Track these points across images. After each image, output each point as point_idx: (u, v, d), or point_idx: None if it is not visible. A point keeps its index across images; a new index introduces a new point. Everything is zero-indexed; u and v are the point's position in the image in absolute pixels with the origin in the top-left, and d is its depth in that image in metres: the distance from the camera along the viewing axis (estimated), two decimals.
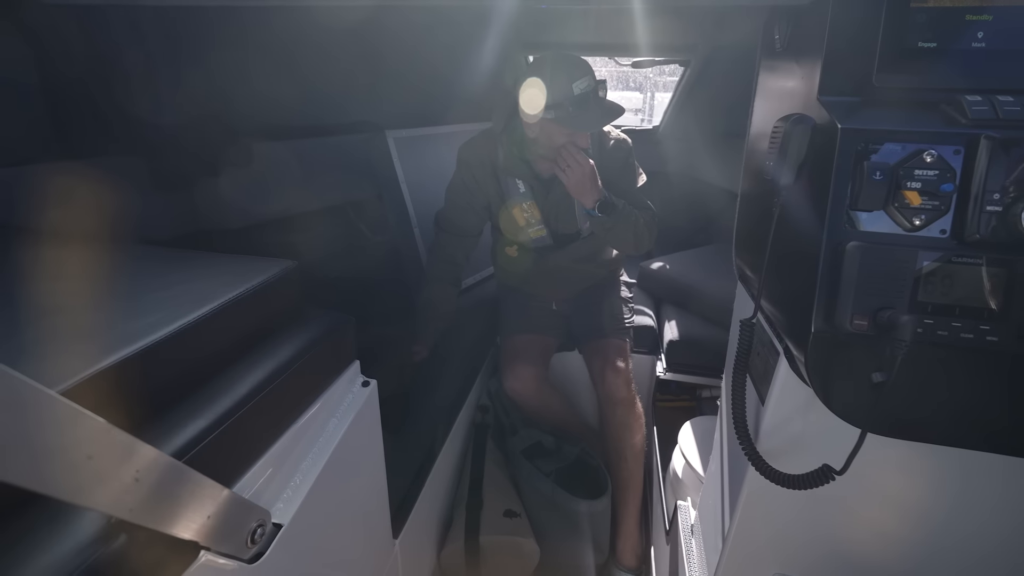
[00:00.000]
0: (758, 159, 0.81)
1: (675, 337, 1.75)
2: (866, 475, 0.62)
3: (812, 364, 0.58)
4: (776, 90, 0.78)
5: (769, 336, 0.75)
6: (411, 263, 1.80)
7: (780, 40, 0.75)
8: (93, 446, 0.36)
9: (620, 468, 1.47)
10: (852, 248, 0.54)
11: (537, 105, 1.21)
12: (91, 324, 0.54)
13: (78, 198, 0.98)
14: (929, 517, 0.72)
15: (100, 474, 0.37)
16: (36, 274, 0.67)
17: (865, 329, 0.54)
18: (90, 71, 1.12)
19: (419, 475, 1.23)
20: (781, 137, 0.61)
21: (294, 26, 1.33)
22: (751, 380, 0.82)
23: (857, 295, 0.54)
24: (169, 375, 0.55)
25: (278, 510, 0.65)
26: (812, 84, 0.63)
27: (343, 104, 1.74)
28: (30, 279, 0.64)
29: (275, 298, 0.71)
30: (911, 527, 0.74)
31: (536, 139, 1.30)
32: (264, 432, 0.64)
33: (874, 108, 0.58)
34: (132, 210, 1.06)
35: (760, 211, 0.79)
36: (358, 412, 0.82)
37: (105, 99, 1.14)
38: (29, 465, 0.32)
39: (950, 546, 0.73)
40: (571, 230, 1.50)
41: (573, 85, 1.20)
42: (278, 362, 0.67)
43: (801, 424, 0.72)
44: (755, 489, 0.79)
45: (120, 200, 1.05)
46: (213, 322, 0.60)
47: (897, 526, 0.75)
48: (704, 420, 1.40)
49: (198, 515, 0.48)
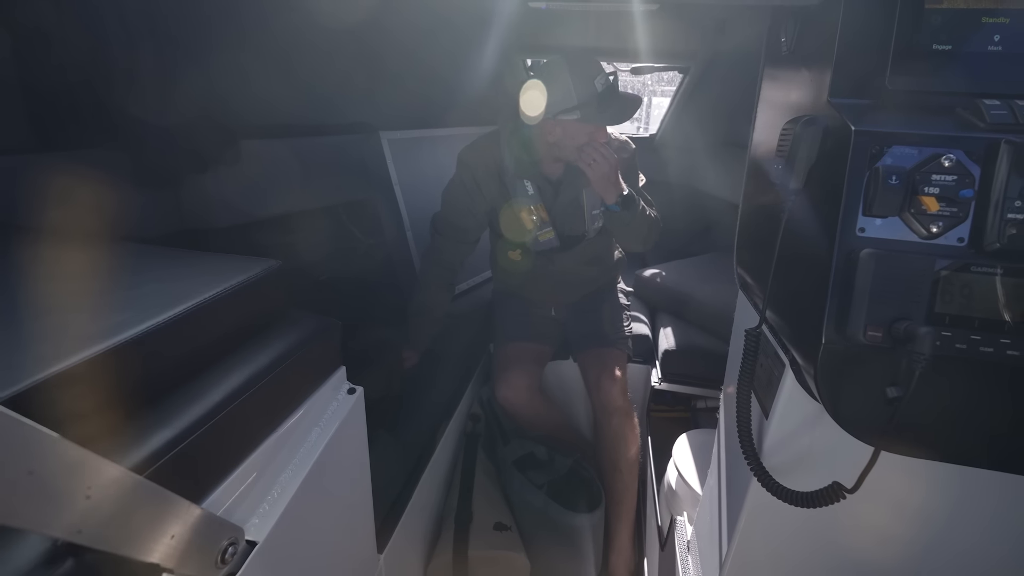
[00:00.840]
0: (763, 164, 0.79)
1: (671, 346, 1.72)
2: (873, 491, 0.59)
3: (822, 377, 0.56)
4: (782, 94, 0.76)
5: (774, 347, 0.72)
6: (403, 266, 1.77)
7: (787, 43, 0.73)
8: (35, 460, 0.32)
9: (614, 480, 1.43)
10: (866, 256, 0.51)
11: (557, 108, 1.22)
12: (49, 324, 0.50)
13: (58, 192, 0.94)
14: (939, 534, 0.69)
15: (43, 492, 0.33)
16: (6, 270, 0.63)
17: (879, 341, 0.51)
18: (74, 63, 1.08)
19: (406, 486, 1.19)
20: (791, 140, 0.59)
21: (290, 23, 1.30)
22: (754, 392, 0.79)
23: (871, 305, 0.51)
24: (134, 380, 0.51)
25: (253, 526, 0.61)
26: (821, 87, 0.60)
27: (338, 104, 1.71)
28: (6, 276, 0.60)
29: (256, 299, 0.67)
30: (919, 544, 0.71)
31: (557, 142, 1.29)
32: (240, 441, 0.60)
33: (887, 111, 0.55)
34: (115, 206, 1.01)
35: (765, 218, 0.76)
36: (343, 421, 0.78)
37: (89, 92, 1.10)
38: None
39: (960, 564, 0.70)
40: (578, 232, 1.48)
41: (595, 82, 1.21)
42: (257, 366, 0.63)
43: (807, 439, 0.69)
44: (757, 505, 0.76)
45: (103, 195, 1.00)
46: (186, 323, 0.56)
47: (904, 543, 0.72)
48: (700, 433, 1.37)
49: (160, 534, 0.44)
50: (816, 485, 0.62)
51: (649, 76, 2.01)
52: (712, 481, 0.99)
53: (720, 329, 1.65)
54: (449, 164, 1.46)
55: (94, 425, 0.44)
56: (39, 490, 0.33)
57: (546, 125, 1.27)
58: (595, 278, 1.63)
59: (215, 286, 0.61)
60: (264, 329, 0.69)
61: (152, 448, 0.47)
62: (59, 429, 0.39)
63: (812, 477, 0.65)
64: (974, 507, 0.65)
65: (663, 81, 2.99)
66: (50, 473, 0.34)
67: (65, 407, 0.41)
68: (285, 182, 1.59)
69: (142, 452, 0.46)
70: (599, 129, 1.27)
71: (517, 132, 1.36)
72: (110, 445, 0.45)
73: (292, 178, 1.60)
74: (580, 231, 1.48)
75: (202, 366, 0.59)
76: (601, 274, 1.63)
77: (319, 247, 1.71)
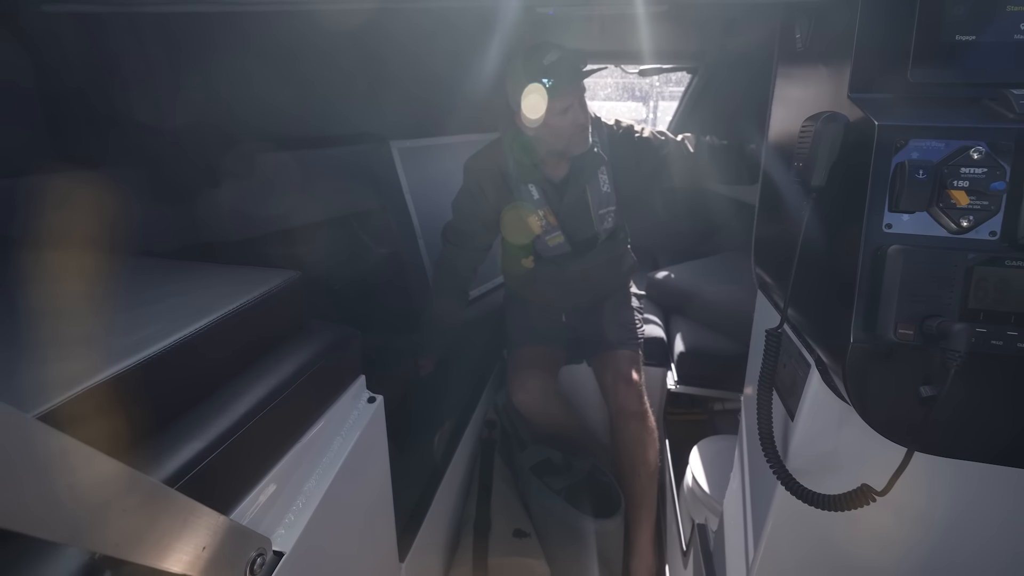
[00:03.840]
0: (780, 162, 0.78)
1: (686, 349, 1.71)
2: (904, 493, 0.58)
3: (851, 377, 0.55)
4: (798, 92, 0.75)
5: (797, 347, 0.71)
6: (415, 274, 1.77)
7: (801, 39, 0.72)
8: (74, 475, 0.33)
9: (633, 485, 1.42)
10: (894, 252, 0.50)
11: (533, 107, 1.20)
12: (80, 338, 0.50)
13: (77, 209, 0.95)
14: (975, 537, 0.68)
15: (82, 506, 0.34)
16: (30, 287, 0.64)
17: (911, 339, 0.50)
18: (90, 80, 1.10)
19: (425, 494, 1.18)
20: (812, 137, 0.58)
21: (297, 35, 1.31)
22: (777, 394, 0.78)
23: (901, 302, 0.50)
24: (163, 393, 0.51)
25: (279, 536, 0.61)
26: (840, 82, 0.60)
27: (346, 114, 1.73)
28: (23, 292, 0.61)
29: (277, 310, 0.68)
30: (951, 548, 0.69)
31: (539, 135, 1.28)
32: (265, 452, 0.60)
33: (910, 105, 0.55)
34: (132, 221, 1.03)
35: (784, 216, 0.75)
36: (364, 429, 0.78)
37: (105, 108, 1.12)
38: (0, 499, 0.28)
39: (999, 568, 0.68)
40: (588, 234, 1.47)
41: (544, 60, 1.19)
42: (280, 378, 0.63)
43: (833, 440, 0.68)
44: (784, 510, 0.74)
45: (120, 211, 1.02)
46: (211, 335, 0.56)
47: (935, 548, 0.70)
48: (721, 438, 1.36)
49: (191, 546, 0.44)
50: (842, 488, 0.61)
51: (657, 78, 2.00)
52: (735, 486, 0.97)
53: (736, 330, 1.63)
54: (458, 171, 1.47)
55: (125, 439, 0.44)
56: (79, 504, 0.33)
57: (529, 125, 1.26)
58: (609, 282, 1.62)
59: (238, 298, 0.62)
60: (285, 340, 0.70)
61: (181, 461, 0.47)
62: (92, 443, 0.40)
63: (839, 480, 0.63)
64: (1017, 509, 0.63)
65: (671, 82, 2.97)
66: (88, 487, 0.34)
67: (97, 422, 0.42)
68: (298, 194, 1.60)
69: (172, 465, 0.47)
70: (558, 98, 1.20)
71: (517, 137, 1.36)
72: (140, 459, 0.46)
73: (304, 190, 1.62)
74: (590, 233, 1.47)
75: (227, 377, 0.59)
76: (612, 278, 1.62)
77: (332, 257, 1.72)
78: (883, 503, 0.58)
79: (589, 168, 1.36)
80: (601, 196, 1.40)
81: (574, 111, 1.24)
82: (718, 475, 1.20)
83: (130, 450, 0.45)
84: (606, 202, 1.41)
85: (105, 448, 0.40)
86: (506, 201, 1.43)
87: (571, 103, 1.23)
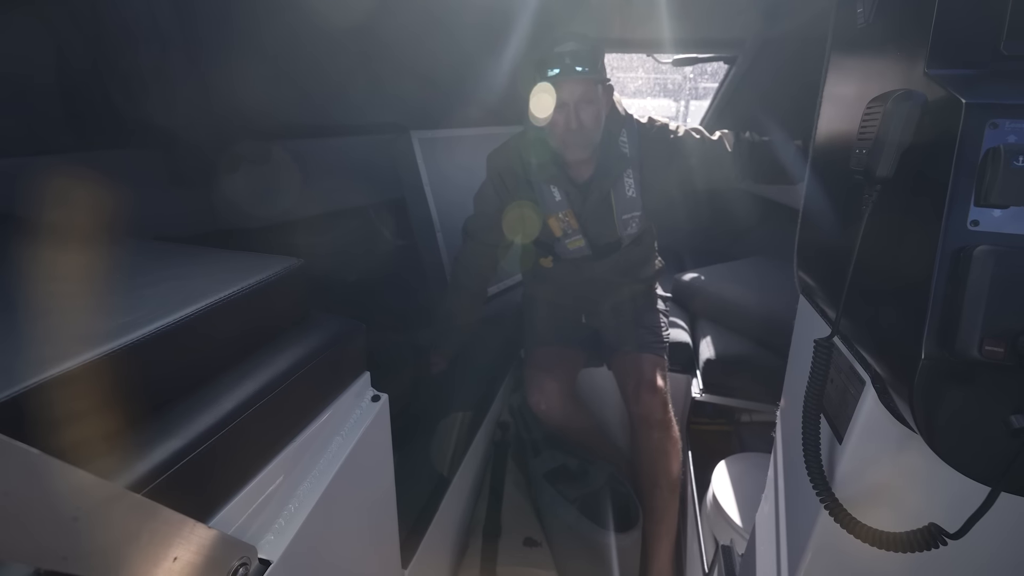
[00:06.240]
0: (832, 155, 0.70)
1: (713, 356, 1.61)
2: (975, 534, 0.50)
3: (920, 398, 0.47)
4: (858, 74, 0.67)
5: (849, 360, 0.63)
6: (433, 268, 1.73)
7: (864, 12, 0.64)
8: (10, 479, 0.28)
9: (653, 497, 1.34)
10: (982, 253, 0.42)
11: (537, 100, 1.14)
12: (50, 326, 0.47)
13: (90, 191, 0.94)
14: None
15: (22, 514, 0.29)
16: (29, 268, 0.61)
17: (1001, 357, 0.42)
18: (109, 65, 1.09)
19: (432, 497, 1.14)
20: (880, 119, 0.50)
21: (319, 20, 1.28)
22: (823, 412, 0.70)
23: (988, 314, 0.42)
24: (142, 384, 0.47)
25: (267, 543, 0.56)
26: (915, 58, 0.52)
27: (367, 103, 1.70)
28: (21, 274, 0.58)
29: (276, 299, 0.64)
30: None
31: (552, 132, 1.21)
32: (255, 452, 0.56)
33: (1004, 80, 0.46)
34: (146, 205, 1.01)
35: (837, 214, 0.67)
36: (366, 429, 0.74)
37: (123, 93, 1.11)
38: None
39: None
40: (611, 239, 1.39)
41: (554, 48, 1.13)
42: (275, 371, 0.58)
43: (888, 469, 0.60)
44: (826, 541, 0.66)
45: (134, 194, 1.00)
46: (201, 323, 0.52)
47: None
48: (748, 455, 1.27)
49: (160, 557, 0.39)
50: (897, 523, 0.53)
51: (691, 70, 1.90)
52: (768, 509, 0.89)
53: (769, 338, 1.53)
54: (481, 165, 1.42)
55: (91, 436, 0.40)
56: (16, 513, 0.29)
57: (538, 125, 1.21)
58: (629, 286, 1.54)
59: (233, 284, 0.58)
60: (284, 331, 0.65)
61: (155, 461, 0.43)
62: (52, 439, 0.35)
63: (891, 514, 0.55)
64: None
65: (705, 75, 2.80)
66: (29, 493, 0.30)
67: (58, 415, 0.38)
68: (315, 182, 1.58)
69: (144, 465, 0.42)
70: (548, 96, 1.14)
71: (530, 132, 1.30)
72: (108, 458, 0.41)
73: (322, 178, 1.60)
74: (613, 238, 1.39)
75: (215, 370, 0.55)
76: (636, 281, 1.54)
77: (348, 248, 1.70)
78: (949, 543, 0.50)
79: (615, 170, 1.29)
80: (626, 201, 1.32)
81: (577, 109, 1.15)
82: (746, 495, 1.11)
83: (98, 447, 0.40)
84: (631, 207, 1.33)
85: (68, 444, 0.36)
86: (528, 198, 1.37)
87: (573, 99, 1.15)
